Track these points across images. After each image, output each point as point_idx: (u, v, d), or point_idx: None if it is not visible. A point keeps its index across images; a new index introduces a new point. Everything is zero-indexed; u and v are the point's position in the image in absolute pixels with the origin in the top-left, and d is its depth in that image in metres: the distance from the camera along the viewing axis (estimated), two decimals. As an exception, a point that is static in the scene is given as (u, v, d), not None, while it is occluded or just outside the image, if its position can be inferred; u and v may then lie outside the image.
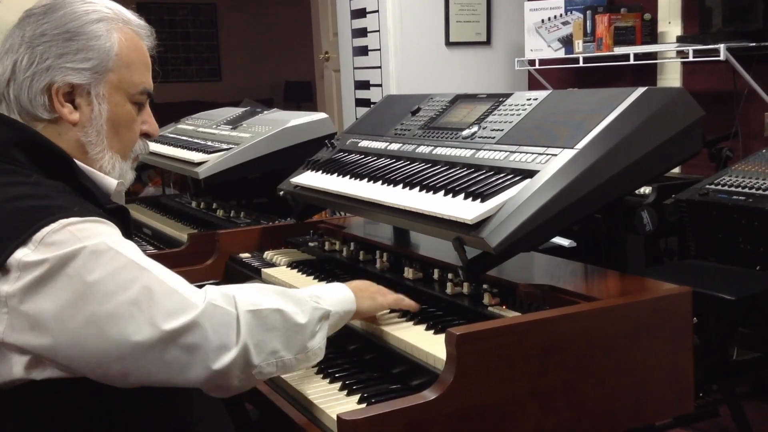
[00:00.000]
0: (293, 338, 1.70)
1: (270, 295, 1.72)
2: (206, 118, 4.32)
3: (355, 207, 2.33)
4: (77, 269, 1.52)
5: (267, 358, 1.65)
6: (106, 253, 1.55)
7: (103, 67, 1.78)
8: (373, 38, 5.81)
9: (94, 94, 1.78)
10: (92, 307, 1.51)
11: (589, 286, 2.01)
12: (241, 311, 1.62)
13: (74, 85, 1.76)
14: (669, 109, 1.95)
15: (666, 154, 1.95)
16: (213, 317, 1.58)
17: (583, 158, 1.87)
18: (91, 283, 1.52)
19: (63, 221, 1.55)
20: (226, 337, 1.59)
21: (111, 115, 1.80)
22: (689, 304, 1.86)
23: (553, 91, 2.25)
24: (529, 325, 1.68)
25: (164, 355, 1.54)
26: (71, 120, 1.76)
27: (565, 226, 1.90)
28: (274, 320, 1.67)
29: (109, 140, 1.81)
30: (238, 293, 1.66)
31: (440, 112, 2.53)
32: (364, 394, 1.75)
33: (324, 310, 1.79)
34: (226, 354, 1.59)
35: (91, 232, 1.56)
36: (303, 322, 1.72)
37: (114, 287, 1.53)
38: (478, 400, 1.61)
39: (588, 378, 1.74)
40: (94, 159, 1.79)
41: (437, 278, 2.23)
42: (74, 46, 1.75)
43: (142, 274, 1.56)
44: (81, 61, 1.76)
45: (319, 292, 1.85)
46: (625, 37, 4.75)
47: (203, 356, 1.57)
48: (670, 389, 1.86)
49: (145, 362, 1.54)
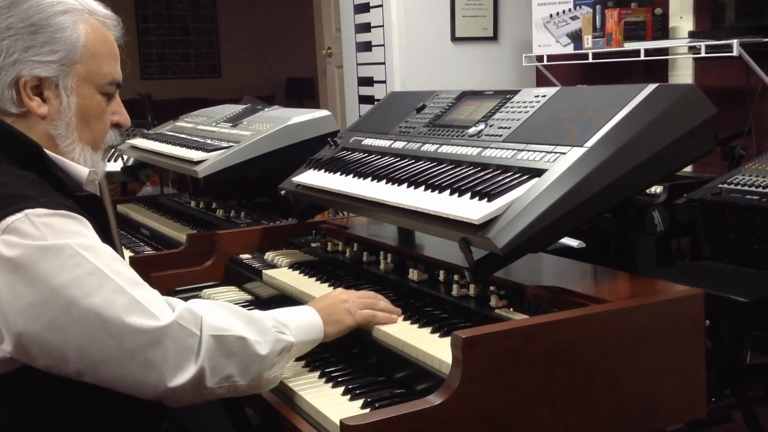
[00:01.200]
0: (250, 367, 1.73)
1: (236, 320, 1.74)
2: (205, 115, 4.32)
3: (359, 207, 2.33)
4: (42, 271, 1.54)
5: (220, 381, 1.67)
6: (72, 258, 1.57)
7: (70, 59, 1.80)
8: (376, 33, 5.81)
9: (62, 87, 1.80)
10: (55, 312, 1.55)
11: (598, 287, 2.01)
12: (205, 334, 1.65)
13: (42, 78, 1.78)
14: (680, 106, 1.94)
15: (677, 152, 1.95)
16: (176, 336, 1.61)
17: (592, 157, 1.86)
18: (56, 288, 1.55)
19: (28, 211, 1.57)
20: (185, 357, 1.62)
21: (80, 107, 1.83)
22: (701, 306, 1.86)
23: (561, 88, 2.25)
24: (538, 328, 1.68)
25: (123, 367, 1.58)
26: (40, 113, 1.79)
27: (574, 227, 1.90)
28: (235, 347, 1.70)
29: (79, 132, 1.84)
30: (207, 314, 1.68)
31: (446, 109, 2.52)
32: (368, 398, 1.75)
33: (286, 343, 1.82)
34: (182, 374, 1.61)
35: (57, 229, 1.58)
36: (263, 354, 1.75)
37: (79, 294, 1.55)
38: (484, 405, 1.61)
39: (598, 382, 1.74)
40: (65, 151, 1.82)
41: (443, 280, 2.23)
42: (40, 39, 1.77)
43: (107, 283, 1.58)
44: (48, 53, 1.78)
45: (287, 318, 1.87)
46: (636, 32, 4.74)
47: (159, 373, 1.60)
48: (681, 393, 1.86)
49: (102, 370, 1.59)
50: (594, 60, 4.96)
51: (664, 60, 4.86)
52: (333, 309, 1.99)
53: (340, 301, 2.01)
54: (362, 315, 2.00)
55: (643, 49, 4.62)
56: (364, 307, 2.02)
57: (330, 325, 1.95)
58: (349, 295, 2.05)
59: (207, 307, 1.73)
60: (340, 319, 1.97)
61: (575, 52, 5.15)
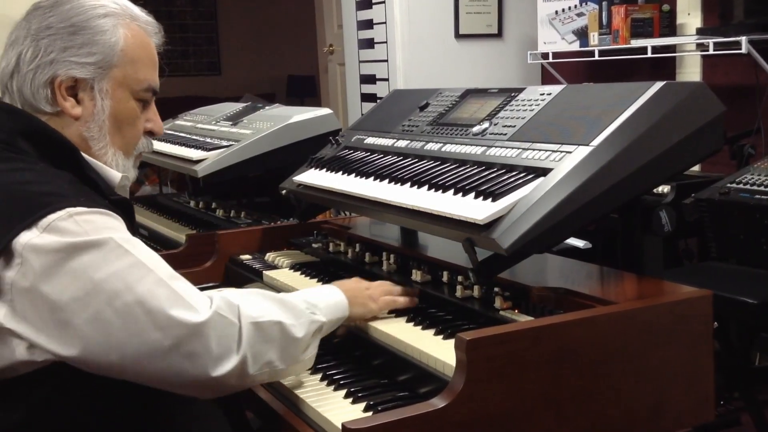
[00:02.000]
0: (288, 350, 1.77)
1: (270, 305, 1.77)
2: (205, 113, 4.32)
3: (361, 206, 2.33)
4: (84, 265, 1.56)
5: (262, 367, 1.71)
6: (114, 251, 1.59)
7: (108, 63, 1.83)
8: (379, 30, 5.81)
9: (97, 89, 1.83)
10: (98, 306, 1.56)
11: (605, 289, 2.01)
12: (244, 323, 1.68)
13: (77, 79, 1.81)
14: (688, 104, 1.94)
15: (685, 151, 1.95)
16: (217, 327, 1.64)
17: (598, 156, 1.86)
18: (99, 281, 1.56)
19: (69, 210, 1.59)
20: (228, 347, 1.65)
21: (114, 111, 1.85)
22: (709, 307, 1.86)
23: (567, 86, 2.24)
24: (543, 330, 1.68)
25: (165, 359, 1.60)
26: (73, 114, 1.81)
27: (580, 227, 1.90)
28: (273, 332, 1.74)
29: (112, 136, 1.86)
30: (243, 303, 1.71)
31: (449, 107, 2.52)
32: (370, 401, 1.75)
33: (319, 324, 1.85)
34: (226, 363, 1.65)
35: (98, 225, 1.60)
36: (299, 336, 1.79)
37: (121, 287, 1.57)
38: (488, 409, 1.61)
39: (604, 385, 1.74)
40: (97, 155, 1.85)
41: (446, 281, 2.23)
42: (79, 40, 1.80)
43: (149, 275, 1.61)
44: (85, 55, 1.81)
45: (315, 298, 1.91)
46: (643, 29, 4.74)
47: (203, 364, 1.62)
48: (689, 397, 1.86)
49: (146, 365, 1.60)
50: (600, 57, 4.95)
51: (672, 57, 4.85)
52: (358, 292, 2.05)
53: (363, 288, 2.08)
54: (384, 301, 2.08)
55: (651, 47, 4.62)
56: (384, 294, 2.10)
57: (355, 306, 2.01)
58: (368, 283, 2.12)
59: (241, 295, 1.77)
60: (364, 303, 2.04)
61: (581, 49, 5.15)
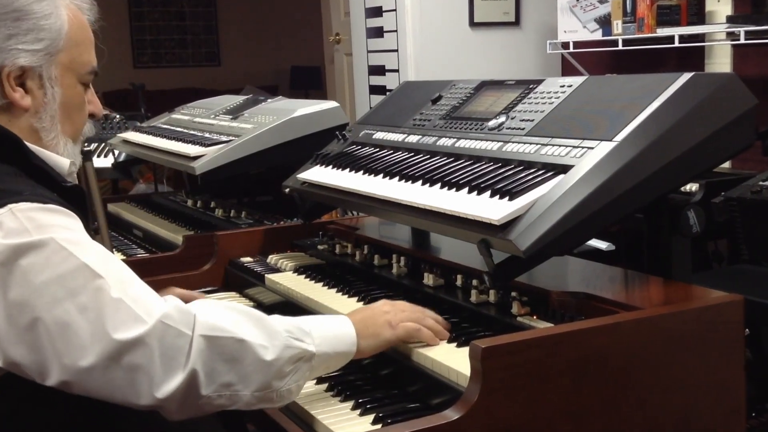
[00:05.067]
0: (253, 374, 1.67)
1: (241, 321, 1.70)
2: (203, 107, 4.33)
3: (370, 206, 2.33)
4: (24, 268, 1.55)
5: (218, 389, 1.64)
6: (57, 254, 1.58)
7: (55, 48, 1.82)
8: (389, 18, 5.81)
9: (46, 77, 1.82)
10: (37, 313, 1.55)
11: (629, 293, 2.01)
12: (196, 334, 1.62)
13: (25, 68, 1.80)
14: (718, 97, 1.94)
15: (715, 147, 1.95)
16: (163, 337, 1.59)
17: (622, 152, 1.86)
18: (39, 286, 1.55)
19: (11, 206, 1.59)
20: (174, 360, 1.59)
21: (64, 99, 1.85)
22: (740, 313, 1.86)
23: (589, 77, 2.25)
24: (563, 338, 1.68)
25: (106, 372, 1.57)
26: (23, 105, 1.81)
27: (602, 228, 1.90)
28: (234, 350, 1.65)
29: (62, 125, 1.87)
30: (201, 313, 1.66)
31: (464, 100, 2.53)
32: (380, 413, 1.76)
33: (300, 351, 1.74)
34: (172, 379, 1.59)
35: (42, 223, 1.59)
36: (268, 359, 1.69)
37: (62, 293, 1.56)
38: (505, 421, 1.61)
39: (628, 396, 1.74)
40: (48, 145, 1.85)
41: (460, 285, 2.23)
42: (24, 26, 1.79)
43: (93, 281, 1.58)
44: (32, 42, 1.79)
45: (311, 326, 1.80)
46: (670, 17, 4.73)
47: (146, 378, 1.58)
48: (719, 408, 1.86)
49: (87, 377, 1.57)
50: (624, 47, 4.95)
51: (700, 47, 4.85)
52: (371, 321, 1.91)
53: (381, 313, 1.94)
54: (404, 328, 1.92)
55: (678, 35, 4.61)
56: (408, 320, 1.94)
57: (366, 338, 1.87)
58: (393, 306, 1.97)
59: (208, 306, 1.72)
60: (377, 333, 1.89)
61: (604, 38, 5.14)
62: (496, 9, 5.76)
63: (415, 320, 1.95)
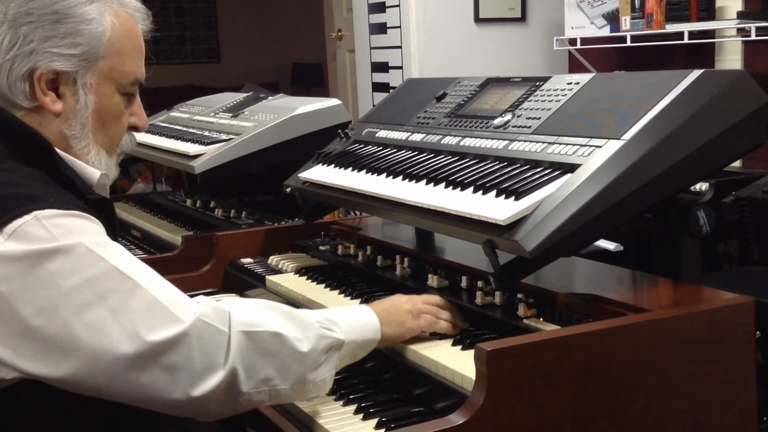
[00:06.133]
0: (291, 367, 1.70)
1: (273, 315, 1.73)
2: (203, 104, 4.33)
3: (372, 206, 2.34)
4: (52, 273, 1.54)
5: (258, 385, 1.66)
6: (85, 257, 1.57)
7: (93, 55, 1.80)
8: (392, 14, 5.80)
9: (80, 84, 1.80)
10: (67, 317, 1.54)
11: (637, 295, 2.01)
12: (234, 331, 1.64)
13: (59, 72, 1.78)
14: (729, 94, 1.94)
15: (725, 145, 1.95)
16: (201, 335, 1.60)
17: (631, 150, 1.87)
18: (67, 291, 1.54)
19: (37, 213, 1.57)
20: (213, 358, 1.60)
21: (98, 107, 1.83)
22: (751, 315, 1.86)
23: (596, 75, 2.25)
24: (570, 340, 1.68)
25: (142, 373, 1.56)
26: (53, 110, 1.79)
27: (610, 228, 1.90)
28: (271, 344, 1.68)
29: (95, 134, 1.84)
30: (235, 310, 1.67)
31: (469, 97, 2.53)
32: (383, 418, 1.76)
33: (333, 340, 1.79)
34: (211, 377, 1.60)
35: (69, 229, 1.58)
36: (305, 351, 1.72)
37: (92, 297, 1.55)
38: (511, 426, 1.61)
39: (636, 400, 1.74)
40: (79, 154, 1.82)
41: (465, 286, 2.24)
42: (62, 30, 1.77)
43: (124, 283, 1.58)
44: (69, 46, 1.77)
45: (336, 316, 1.85)
46: (679, 12, 4.73)
47: (185, 378, 1.58)
48: (729, 412, 1.86)
49: (121, 380, 1.57)
50: (633, 43, 4.94)
51: (711, 43, 4.84)
52: (393, 309, 1.97)
53: (401, 303, 2.01)
54: (426, 319, 2.00)
55: (687, 32, 4.61)
56: (427, 311, 2.02)
57: (389, 325, 1.93)
58: (410, 297, 2.05)
59: (239, 303, 1.74)
60: (401, 321, 1.96)
61: (612, 34, 5.13)
62: (502, 4, 5.76)
63: (432, 312, 2.03)
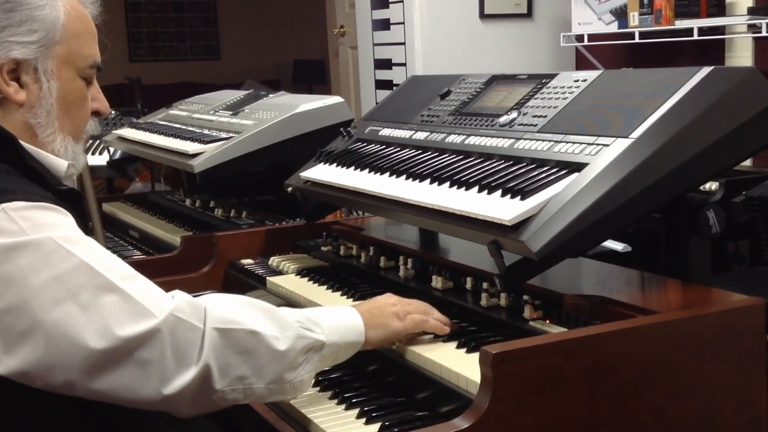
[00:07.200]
0: (267, 366, 1.71)
1: (252, 313, 1.73)
2: (202, 102, 4.33)
3: (375, 205, 2.34)
4: (21, 268, 1.56)
5: (232, 383, 1.66)
6: (55, 252, 1.58)
7: (50, 40, 1.82)
8: (395, 10, 5.81)
9: (41, 71, 1.82)
10: (37, 315, 1.55)
11: (646, 297, 2.01)
12: (209, 327, 1.64)
13: (19, 61, 1.80)
14: (739, 92, 1.94)
15: (735, 144, 1.94)
16: (174, 331, 1.61)
17: (639, 149, 1.86)
18: (37, 287, 1.55)
19: (5, 205, 1.59)
20: (186, 354, 1.61)
21: (62, 93, 1.85)
22: (762, 317, 1.85)
23: (604, 72, 2.25)
24: (577, 343, 1.68)
25: (114, 369, 1.58)
26: (17, 100, 1.81)
27: (618, 228, 1.90)
28: (247, 342, 1.68)
29: (60, 121, 1.86)
30: (212, 305, 1.68)
31: (473, 95, 2.53)
32: (386, 422, 1.76)
33: (312, 341, 1.79)
34: (184, 373, 1.61)
35: (38, 221, 1.60)
36: (281, 350, 1.72)
37: (62, 293, 1.56)
38: (517, 430, 1.61)
39: (644, 404, 1.74)
40: (45, 142, 1.85)
41: (470, 288, 2.24)
42: (17, 18, 1.79)
43: (95, 279, 1.59)
44: (26, 33, 1.80)
45: (319, 317, 1.85)
46: (688, 8, 4.73)
47: (157, 374, 1.59)
48: (740, 416, 1.85)
49: (93, 376, 1.58)
50: (641, 40, 4.94)
51: (721, 40, 4.84)
52: (378, 311, 1.96)
53: (388, 305, 1.99)
54: (412, 319, 1.97)
55: (697, 28, 4.61)
56: (415, 312, 2.00)
57: (373, 328, 1.92)
58: (399, 299, 2.02)
59: (218, 299, 1.74)
60: (385, 323, 1.94)
61: (620, 30, 5.13)
62: (508, 0, 5.76)
63: (422, 312, 2.00)
